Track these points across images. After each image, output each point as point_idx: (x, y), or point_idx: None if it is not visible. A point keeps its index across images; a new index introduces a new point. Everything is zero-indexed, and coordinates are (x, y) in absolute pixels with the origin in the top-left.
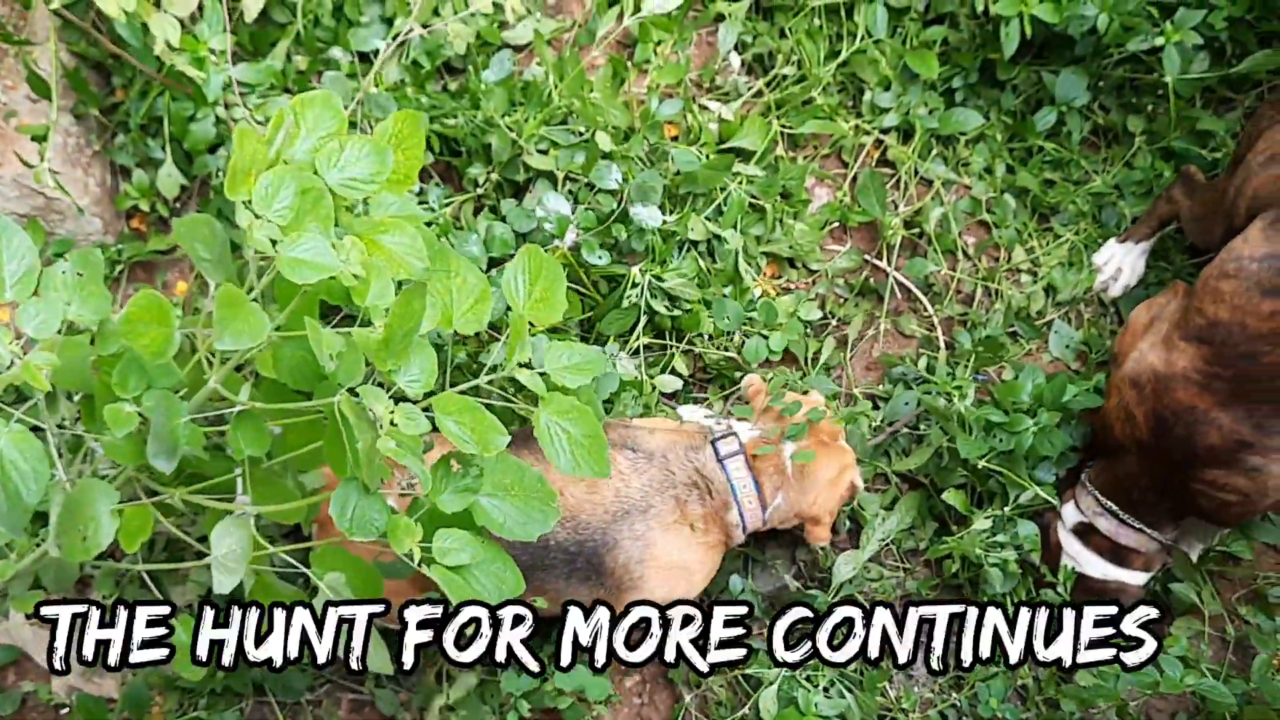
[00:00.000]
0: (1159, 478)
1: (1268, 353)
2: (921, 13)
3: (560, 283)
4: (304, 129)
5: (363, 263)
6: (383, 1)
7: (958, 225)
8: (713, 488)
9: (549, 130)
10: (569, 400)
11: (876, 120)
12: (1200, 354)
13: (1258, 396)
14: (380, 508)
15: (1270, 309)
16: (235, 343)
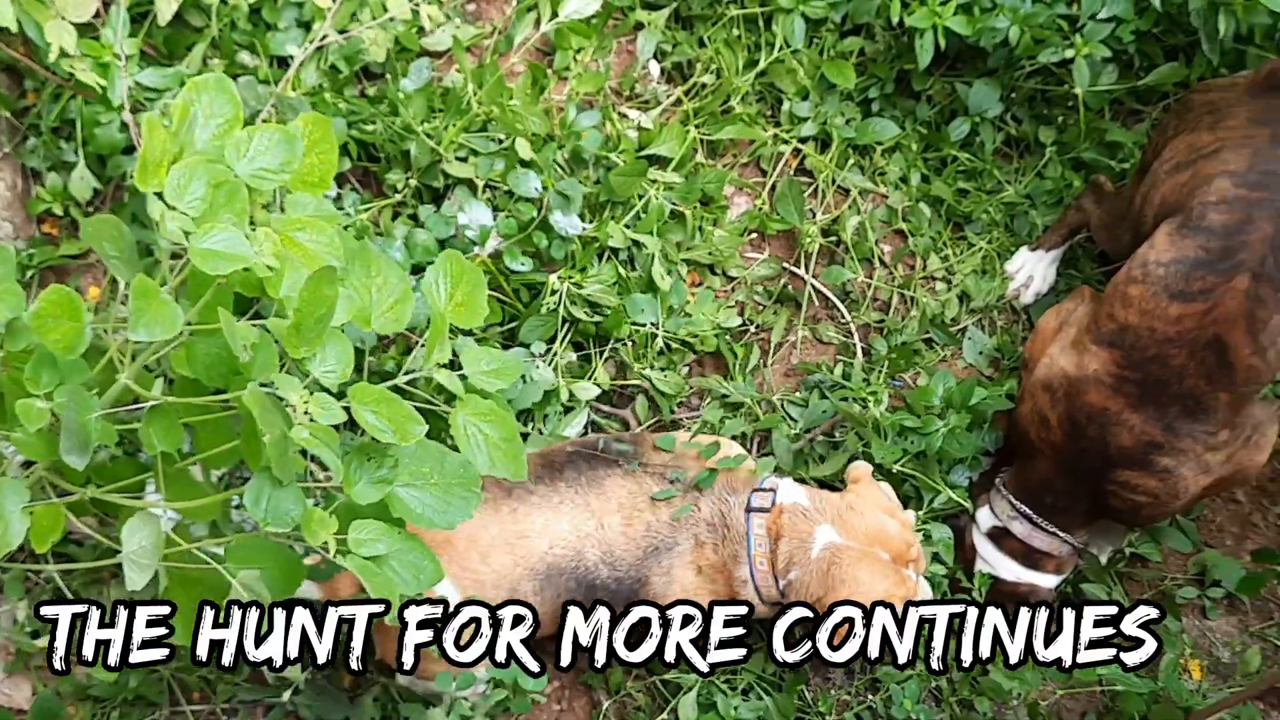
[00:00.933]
0: (1073, 481)
1: (1175, 355)
2: (838, 24)
3: (481, 288)
4: (200, 115)
5: (276, 254)
6: (300, 6)
7: (874, 233)
8: (729, 535)
9: (468, 138)
10: (487, 403)
11: (794, 129)
12: (1111, 357)
13: (1167, 399)
14: (295, 499)
15: (1177, 313)
16: (149, 334)
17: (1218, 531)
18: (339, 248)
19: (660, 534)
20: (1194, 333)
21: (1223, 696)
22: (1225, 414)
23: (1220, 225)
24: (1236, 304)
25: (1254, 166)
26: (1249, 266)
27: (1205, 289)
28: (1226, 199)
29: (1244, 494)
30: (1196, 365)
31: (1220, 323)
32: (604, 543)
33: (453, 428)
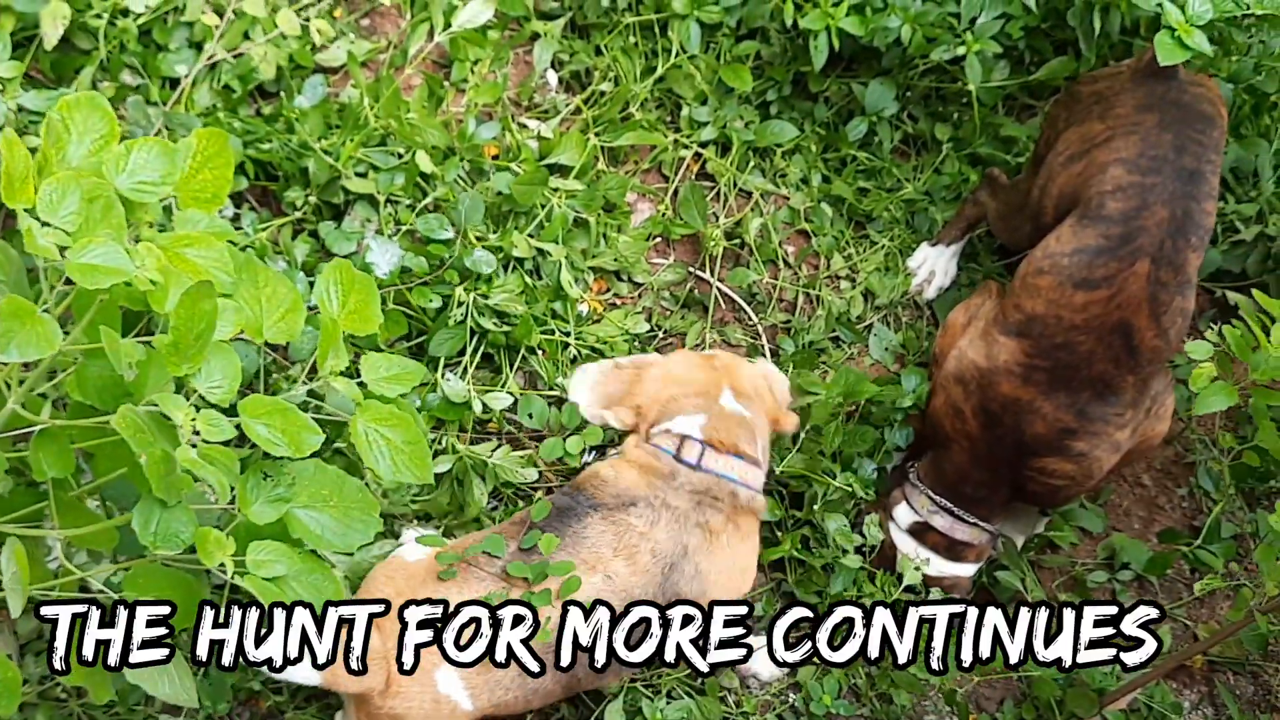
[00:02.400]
0: (990, 470)
1: (1083, 342)
2: (733, 28)
3: (373, 297)
4: (74, 133)
5: (160, 269)
6: (191, 26)
7: (777, 235)
8: (714, 492)
9: (367, 152)
10: (387, 408)
11: (695, 134)
12: (1020, 347)
13: (1078, 384)
14: (185, 520)
15: (1083, 300)
16: (21, 354)
17: (1125, 515)
18: (229, 264)
19: (667, 551)
20: (1100, 319)
21: (1135, 677)
22: (1132, 394)
23: (1118, 213)
24: (1139, 288)
25: (1144, 152)
26: (1148, 251)
27: (1108, 275)
28: (1122, 186)
29: (1149, 478)
30: (1104, 350)
31: (1125, 308)
32: (621, 592)
33: (353, 435)
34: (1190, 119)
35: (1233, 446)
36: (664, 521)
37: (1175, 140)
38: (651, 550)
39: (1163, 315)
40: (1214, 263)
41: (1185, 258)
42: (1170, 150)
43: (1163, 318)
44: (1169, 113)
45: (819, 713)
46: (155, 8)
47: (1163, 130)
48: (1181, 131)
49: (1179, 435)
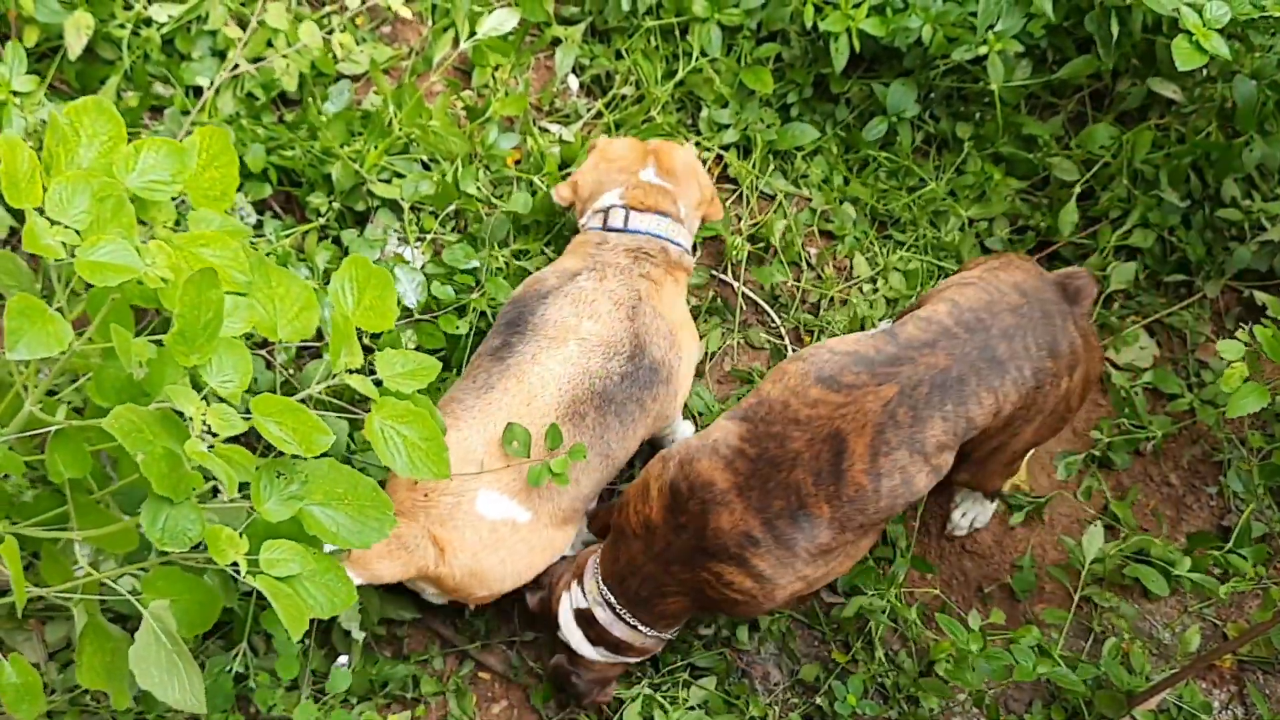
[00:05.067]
0: (663, 566)
1: (796, 439)
2: (754, 31)
3: (390, 292)
4: (83, 137)
5: (171, 266)
6: (214, 35)
7: (800, 237)
8: (646, 248)
9: (390, 160)
10: (403, 404)
11: (716, 137)
12: (738, 430)
13: (774, 487)
14: (193, 518)
15: (816, 396)
16: (30, 352)
17: (1152, 515)
18: (244, 262)
19: (623, 297)
20: (822, 421)
21: (1164, 678)
22: (827, 533)
23: (906, 338)
24: (873, 410)
25: (978, 310)
26: (902, 381)
27: (854, 384)
28: (931, 320)
29: (1176, 477)
30: (811, 457)
31: (850, 420)
32: (597, 343)
33: (368, 432)
34: (1040, 330)
35: (1261, 446)
36: (610, 275)
37: (1010, 325)
38: (610, 298)
39: (881, 454)
40: (1242, 261)
41: (930, 417)
42: (999, 329)
43: (881, 457)
44: (1029, 313)
45: (844, 713)
46: (178, 17)
47: (1009, 313)
48: (1022, 327)
49: (1206, 434)
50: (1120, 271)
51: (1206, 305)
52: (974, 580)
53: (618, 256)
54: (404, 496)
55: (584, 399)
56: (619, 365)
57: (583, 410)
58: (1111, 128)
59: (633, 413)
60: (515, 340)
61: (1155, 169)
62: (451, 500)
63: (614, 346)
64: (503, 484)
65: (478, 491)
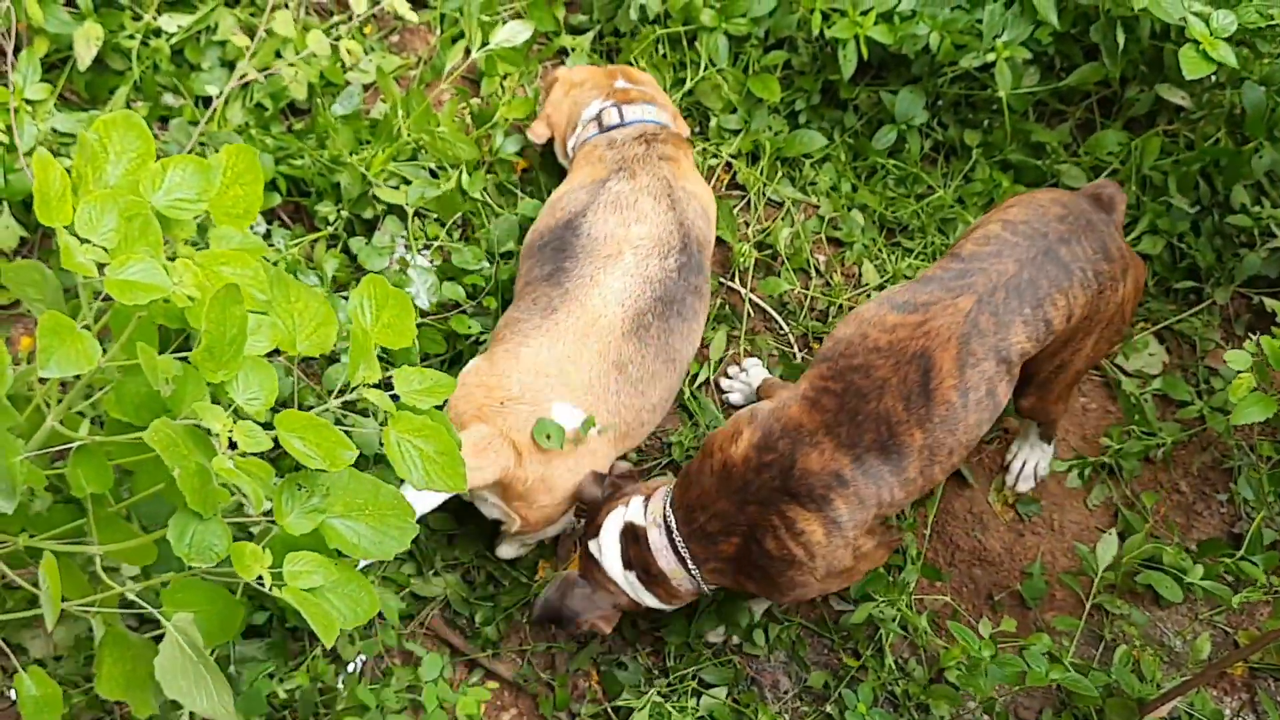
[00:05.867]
0: (735, 504)
1: (880, 366)
2: (761, 39)
3: (408, 311)
4: (112, 152)
5: (197, 284)
6: (223, 45)
7: (808, 244)
8: (649, 132)
9: (398, 166)
10: (420, 419)
11: (724, 144)
12: (819, 371)
13: (863, 420)
14: (220, 532)
15: (894, 321)
16: (61, 370)
17: (1163, 521)
18: (265, 280)
19: (657, 188)
20: (905, 343)
21: (1175, 685)
22: (915, 465)
23: (969, 253)
24: (954, 323)
25: (1030, 221)
26: (978, 290)
27: (928, 301)
28: (989, 236)
29: (1187, 484)
30: (899, 381)
31: (932, 337)
32: (651, 246)
33: (386, 446)
34: (1089, 235)
35: (1271, 454)
36: (636, 169)
37: (1063, 231)
38: (648, 194)
39: (968, 367)
40: (1252, 267)
41: (1012, 322)
42: (1054, 235)
43: (968, 370)
44: (1076, 220)
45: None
46: (187, 28)
47: (1058, 221)
48: (1074, 232)
49: (1216, 441)
50: None
51: (1216, 312)
52: (984, 588)
53: (632, 148)
54: (480, 402)
55: (647, 309)
56: (674, 261)
57: (646, 321)
58: (1120, 134)
59: (693, 305)
60: (568, 265)
61: (1164, 175)
62: (528, 409)
63: (666, 243)
64: (577, 397)
65: (553, 403)
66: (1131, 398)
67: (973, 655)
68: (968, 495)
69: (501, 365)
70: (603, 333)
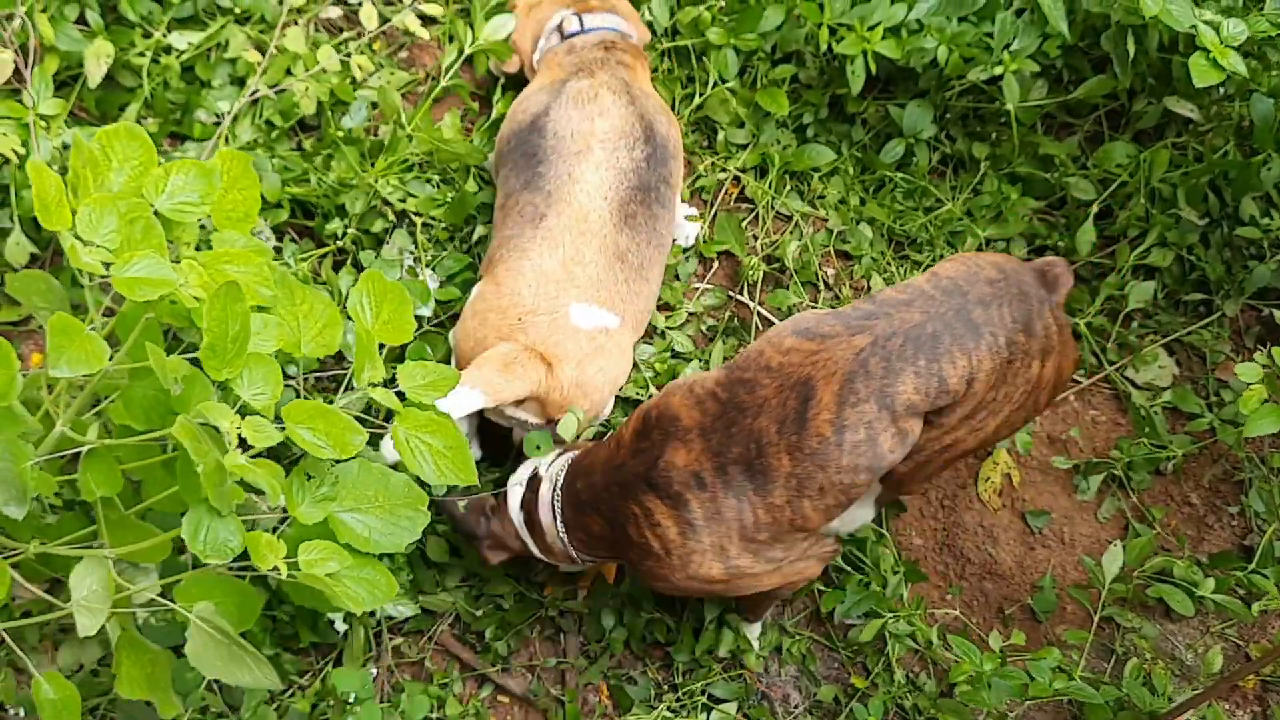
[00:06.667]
0: (606, 484)
1: (766, 385)
2: (769, 53)
3: (407, 306)
4: (114, 161)
5: (202, 284)
6: (233, 62)
7: (816, 257)
8: (608, 39)
9: (403, 181)
10: (426, 414)
11: (733, 158)
12: (717, 375)
13: (738, 434)
14: (234, 529)
15: (791, 345)
16: (71, 369)
17: (1173, 534)
18: (269, 279)
19: (618, 85)
20: (793, 369)
21: (1187, 698)
22: (780, 493)
23: (884, 298)
24: (844, 358)
25: (956, 278)
26: (876, 332)
27: (828, 334)
28: (910, 286)
29: (1197, 496)
30: (778, 404)
31: (820, 368)
32: (616, 138)
33: (395, 443)
34: (1015, 304)
35: None
36: (596, 70)
37: (987, 294)
38: (607, 89)
39: (848, 405)
40: (1262, 279)
41: (903, 370)
42: (975, 295)
43: (847, 408)
44: (1007, 287)
45: None
46: (198, 45)
47: (986, 284)
48: (999, 297)
49: (1226, 453)
50: (1139, 290)
51: (1226, 324)
52: (994, 601)
53: (592, 53)
54: (499, 324)
55: (629, 198)
56: (641, 152)
57: (631, 210)
58: (1129, 147)
59: (665, 194)
60: (542, 169)
61: (1173, 188)
62: (546, 319)
63: (630, 135)
64: (590, 295)
65: (569, 306)
66: (1141, 410)
67: (977, 669)
68: (978, 509)
69: (508, 283)
70: (596, 228)
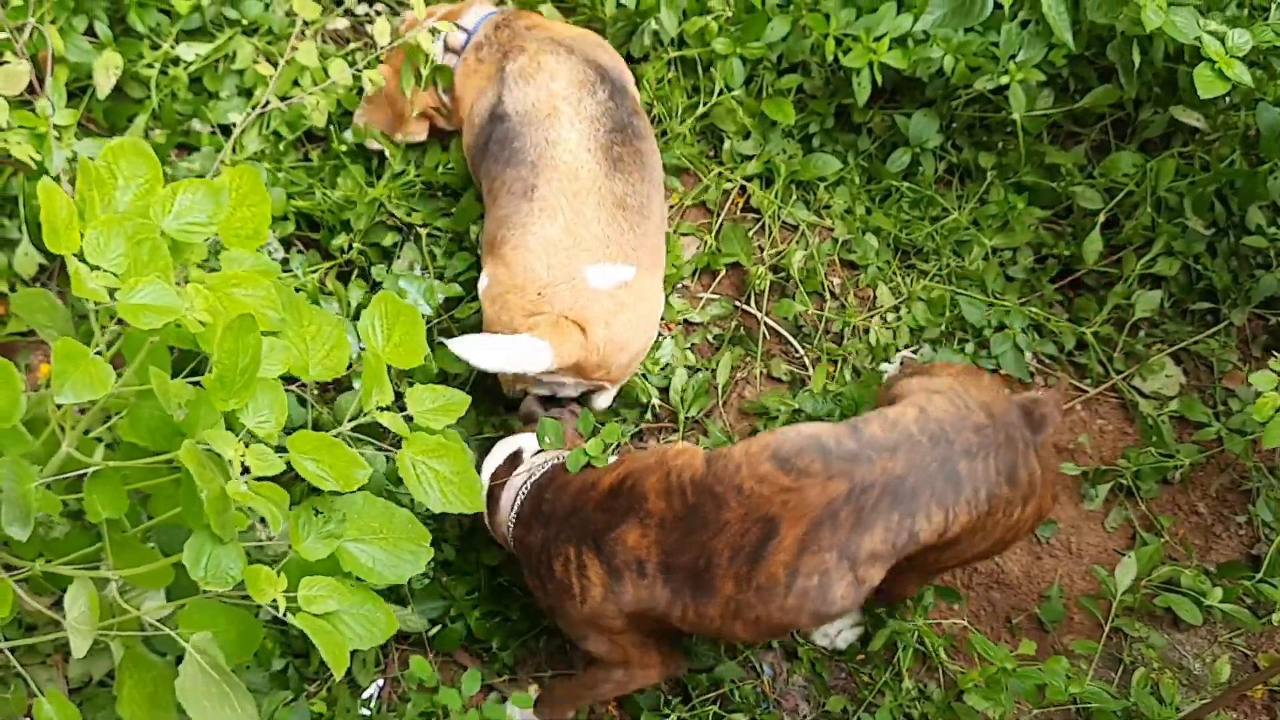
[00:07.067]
0: (568, 513)
1: (732, 509)
2: (775, 62)
3: (419, 329)
4: (120, 179)
5: (209, 308)
6: (241, 74)
7: (822, 266)
8: (496, 20)
9: (409, 195)
10: (434, 439)
11: (739, 168)
12: (695, 469)
13: (691, 545)
14: (235, 556)
15: (767, 473)
16: (76, 395)
17: (1180, 544)
18: (277, 302)
19: (539, 43)
20: (763, 501)
21: (1195, 708)
22: (716, 614)
23: (869, 437)
24: (815, 504)
25: (944, 421)
26: (854, 479)
27: (805, 469)
28: (897, 423)
29: (1205, 506)
30: (738, 533)
31: (789, 509)
32: (574, 90)
33: (400, 469)
34: (1001, 454)
35: None
36: (521, 46)
37: (974, 443)
38: (544, 50)
39: (808, 551)
40: (1269, 288)
41: (874, 524)
42: (962, 445)
43: (806, 554)
44: (995, 434)
45: None
46: (206, 56)
47: (974, 431)
48: (986, 447)
49: (1234, 462)
50: (1145, 299)
51: (1233, 333)
52: (1002, 611)
53: (499, 37)
54: (521, 303)
55: (610, 142)
56: (603, 92)
57: (616, 152)
58: (1135, 156)
59: (641, 124)
60: (518, 144)
61: (1179, 197)
62: (565, 287)
63: (586, 82)
64: (601, 254)
65: (584, 270)
66: (1149, 419)
67: (1001, 665)
68: None
69: (518, 261)
70: (589, 182)
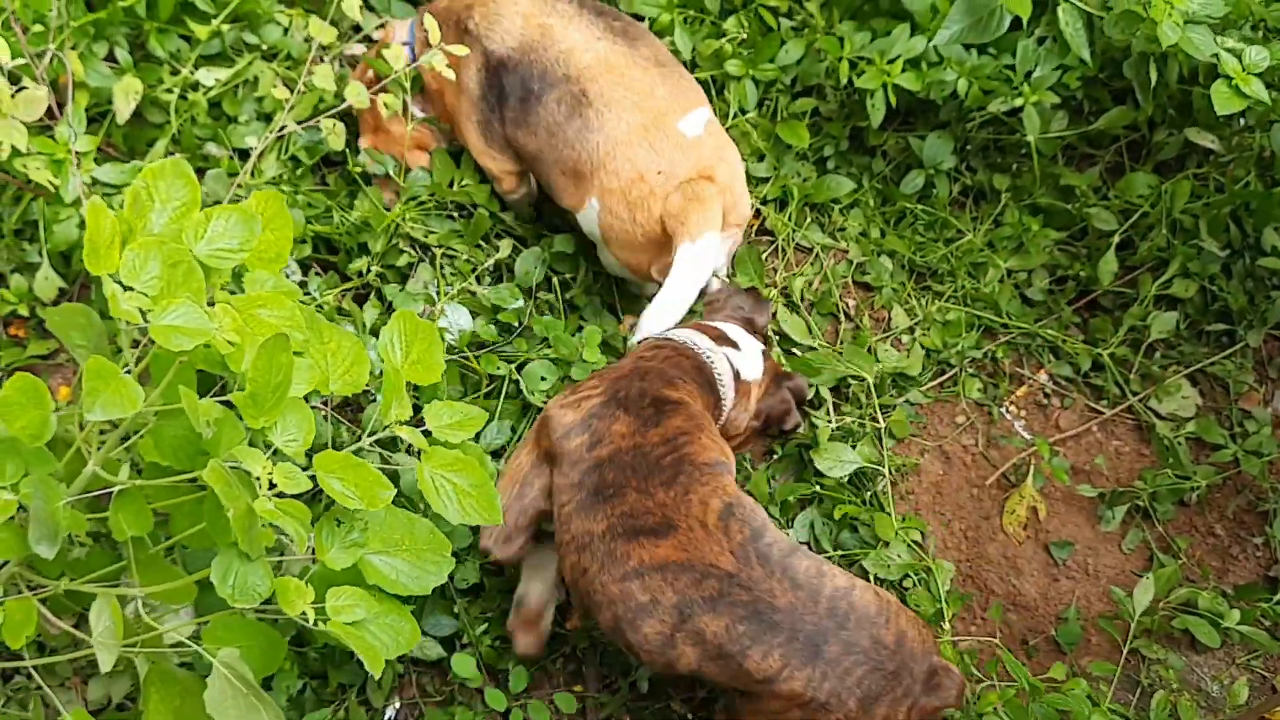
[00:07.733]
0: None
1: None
2: (789, 85)
3: (437, 346)
4: (157, 200)
5: (237, 329)
6: (260, 99)
7: (837, 288)
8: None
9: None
10: (453, 453)
11: (753, 191)
12: None
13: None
14: (263, 573)
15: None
16: (106, 413)
17: (1197, 565)
18: (300, 321)
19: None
20: (685, 507)
21: None
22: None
23: (790, 563)
24: (704, 556)
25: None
26: (741, 574)
27: (727, 532)
28: (819, 572)
29: (1222, 528)
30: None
31: (688, 536)
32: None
33: (420, 482)
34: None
35: None
36: (484, 26)
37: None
38: (507, 8)
39: (663, 576)
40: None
41: (722, 615)
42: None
43: (660, 575)
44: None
45: None
46: (225, 81)
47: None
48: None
49: (1251, 484)
50: (1161, 321)
51: (1249, 354)
52: (1019, 633)
53: (437, 17)
54: (651, 190)
55: (607, 23)
56: (595, 19)
57: (619, 26)
58: (1150, 178)
59: (636, 28)
60: (536, 71)
61: (1195, 218)
62: (676, 152)
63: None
64: (674, 106)
65: (675, 126)
66: (1165, 440)
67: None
68: (1001, 540)
69: (620, 161)
70: (621, 61)
